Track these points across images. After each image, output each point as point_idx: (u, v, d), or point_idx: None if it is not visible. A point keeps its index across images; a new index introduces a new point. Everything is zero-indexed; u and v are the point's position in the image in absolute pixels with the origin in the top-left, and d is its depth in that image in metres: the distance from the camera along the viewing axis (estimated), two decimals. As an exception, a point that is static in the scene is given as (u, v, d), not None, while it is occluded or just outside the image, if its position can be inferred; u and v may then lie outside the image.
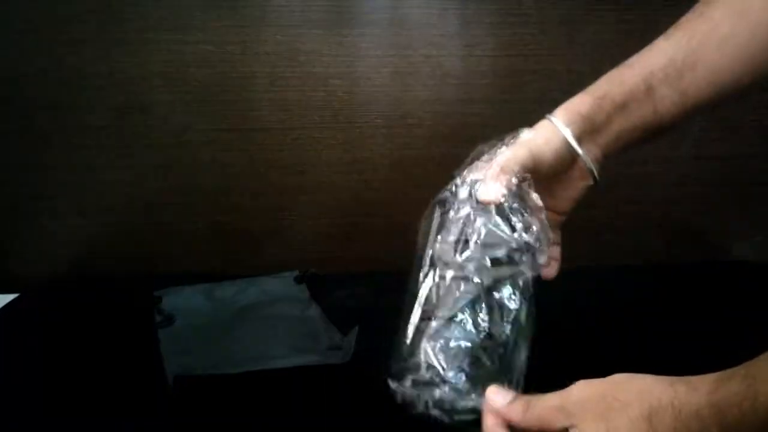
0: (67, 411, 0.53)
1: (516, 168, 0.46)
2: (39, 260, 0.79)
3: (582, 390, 0.39)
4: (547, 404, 0.39)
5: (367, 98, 0.76)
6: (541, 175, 0.48)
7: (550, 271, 0.52)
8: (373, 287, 0.72)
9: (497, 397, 0.41)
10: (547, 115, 0.50)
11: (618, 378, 0.38)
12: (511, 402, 0.41)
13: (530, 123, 0.57)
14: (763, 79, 0.50)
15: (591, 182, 0.52)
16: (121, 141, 0.76)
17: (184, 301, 0.70)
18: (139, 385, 0.55)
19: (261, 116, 0.76)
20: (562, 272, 0.51)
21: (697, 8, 0.50)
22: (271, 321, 0.66)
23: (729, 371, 0.34)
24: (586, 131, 0.50)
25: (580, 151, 0.49)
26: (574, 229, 0.86)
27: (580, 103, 0.50)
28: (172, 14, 0.72)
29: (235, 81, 0.75)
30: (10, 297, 0.74)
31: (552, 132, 0.49)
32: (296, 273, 0.76)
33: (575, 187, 0.52)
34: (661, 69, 0.49)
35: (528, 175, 0.47)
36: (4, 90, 0.73)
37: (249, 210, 0.81)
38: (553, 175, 0.50)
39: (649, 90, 0.49)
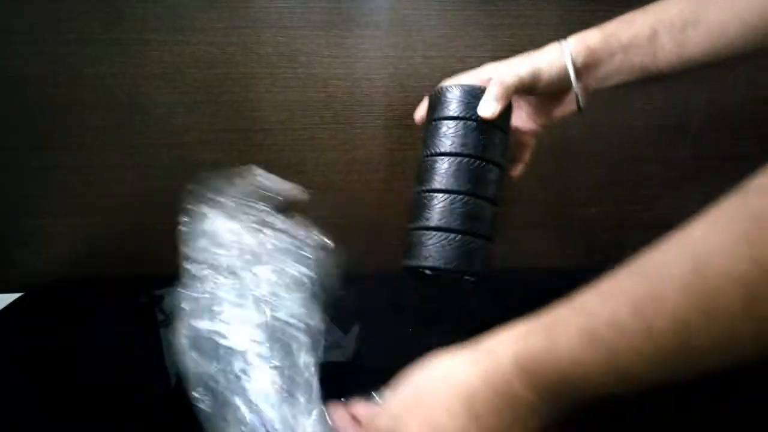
0: (69, 411, 0.53)
1: (515, 84, 0.53)
2: (40, 260, 0.79)
3: (402, 399, 0.40)
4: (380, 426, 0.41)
5: (367, 99, 0.76)
6: (533, 91, 0.55)
7: (516, 171, 0.61)
8: (374, 287, 0.72)
9: (337, 417, 0.46)
10: (560, 41, 0.55)
11: (425, 382, 0.39)
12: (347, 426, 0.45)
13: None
14: (755, 48, 0.54)
15: (576, 109, 0.57)
16: (121, 141, 0.76)
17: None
18: (142, 384, 0.56)
19: (261, 117, 0.76)
20: (562, 272, 0.51)
21: None
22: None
23: (533, 323, 0.36)
24: (589, 64, 0.55)
25: (575, 83, 0.54)
26: (574, 228, 0.87)
27: (590, 37, 0.55)
28: (172, 14, 0.72)
29: (236, 81, 0.75)
30: (13, 297, 0.74)
31: (557, 56, 0.55)
32: None
33: (561, 110, 0.58)
34: (668, 19, 0.54)
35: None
36: (5, 90, 0.73)
37: (249, 210, 0.81)
38: (545, 94, 0.56)
39: (653, 35, 0.54)
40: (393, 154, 0.79)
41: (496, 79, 0.53)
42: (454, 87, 0.55)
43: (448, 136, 0.54)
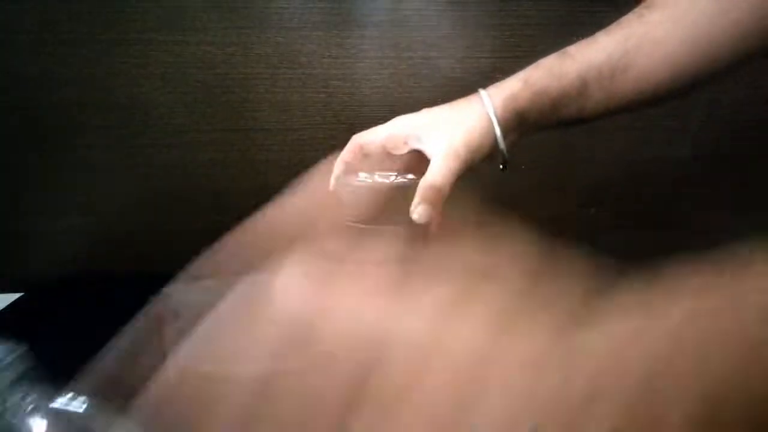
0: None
1: (449, 185, 0.49)
2: (41, 260, 0.79)
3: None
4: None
5: (367, 99, 0.76)
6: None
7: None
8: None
9: None
10: (484, 101, 0.51)
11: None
12: None
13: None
14: (683, 89, 0.52)
15: (500, 167, 0.53)
16: (121, 141, 0.76)
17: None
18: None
19: (261, 117, 0.77)
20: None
21: (639, 9, 0.52)
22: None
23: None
24: (515, 125, 0.51)
25: (504, 149, 0.51)
26: (573, 229, 0.86)
27: (519, 99, 0.51)
28: (173, 15, 0.72)
29: (236, 82, 0.75)
30: (13, 297, 0.74)
31: (488, 132, 0.50)
32: None
33: (478, 165, 0.53)
34: (597, 66, 0.51)
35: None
36: (5, 90, 0.73)
37: (249, 210, 0.81)
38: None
39: (582, 86, 0.51)
40: (393, 154, 0.79)
41: (430, 181, 0.49)
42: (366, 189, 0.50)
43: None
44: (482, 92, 0.52)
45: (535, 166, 0.62)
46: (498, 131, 0.50)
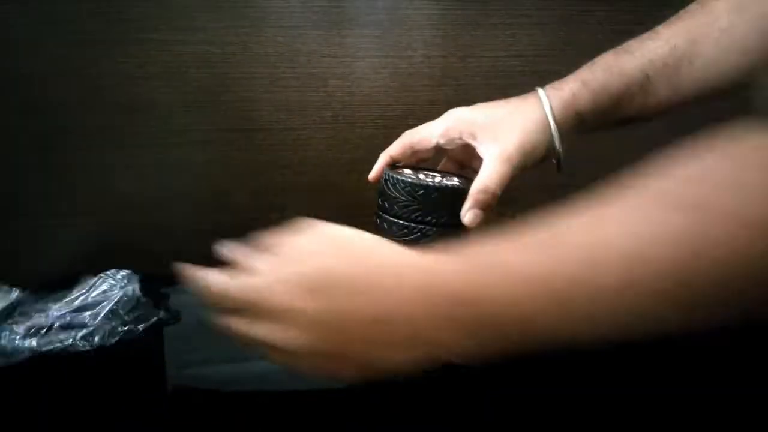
0: (69, 410, 0.53)
1: (501, 189, 0.48)
2: (40, 260, 0.79)
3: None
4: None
5: (367, 99, 0.76)
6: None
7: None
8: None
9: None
10: (543, 101, 0.49)
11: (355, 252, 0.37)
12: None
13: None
14: (749, 78, 0.49)
15: (556, 168, 0.53)
16: (121, 141, 0.76)
17: (192, 298, 0.70)
18: (138, 388, 0.56)
19: (261, 116, 0.76)
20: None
21: None
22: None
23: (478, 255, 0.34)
24: (574, 126, 0.50)
25: (560, 151, 0.50)
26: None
27: (578, 99, 0.49)
28: (172, 14, 0.72)
29: (236, 81, 0.75)
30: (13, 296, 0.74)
31: (544, 133, 0.49)
32: None
33: (531, 167, 0.53)
34: (661, 59, 0.48)
35: None
36: (5, 90, 0.73)
37: (249, 210, 0.81)
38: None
39: (645, 81, 0.48)
40: (393, 153, 0.79)
41: (482, 185, 0.47)
42: (416, 188, 0.48)
43: (407, 242, 0.48)
44: (540, 92, 0.50)
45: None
46: (556, 134, 0.49)
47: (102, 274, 0.66)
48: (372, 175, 0.52)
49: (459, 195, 0.48)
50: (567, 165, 0.83)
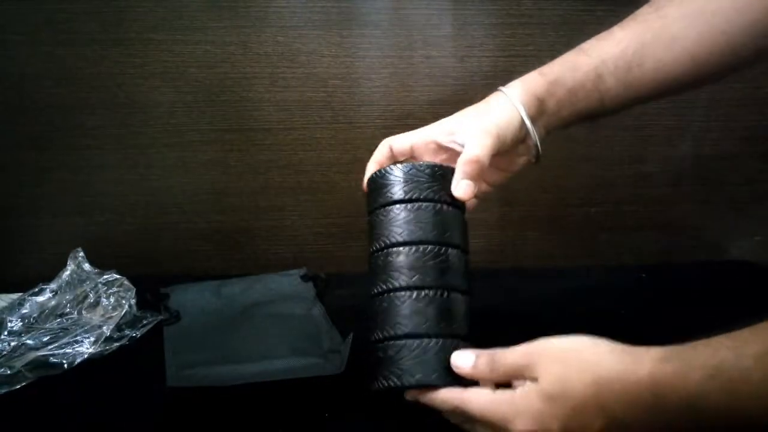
0: (68, 409, 0.53)
1: (488, 158, 0.49)
2: (40, 260, 0.79)
3: (545, 349, 0.42)
4: (512, 363, 0.42)
5: (367, 99, 0.76)
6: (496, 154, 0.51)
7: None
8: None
9: (462, 361, 0.44)
10: (504, 90, 0.52)
11: (577, 345, 0.41)
12: (475, 363, 0.43)
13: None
14: (704, 82, 0.52)
15: (533, 160, 0.54)
16: (120, 141, 0.76)
17: (191, 298, 0.70)
18: (138, 389, 0.55)
19: (261, 116, 0.76)
20: (561, 272, 0.51)
21: (655, 2, 0.52)
22: (276, 319, 0.66)
23: (671, 350, 0.37)
24: (538, 113, 0.52)
25: (534, 133, 0.51)
26: (573, 228, 0.86)
27: (535, 86, 0.52)
28: (172, 14, 0.72)
29: (236, 81, 0.75)
30: (13, 296, 0.74)
31: (512, 113, 0.51)
32: (303, 271, 0.76)
33: (517, 163, 0.55)
34: (613, 59, 0.51)
35: None
36: (4, 90, 0.73)
37: (249, 210, 0.81)
38: (505, 153, 0.52)
39: (598, 79, 0.51)
40: (393, 153, 0.79)
41: (469, 155, 0.49)
42: (406, 166, 0.49)
43: (409, 221, 0.47)
44: (501, 87, 0.53)
45: (535, 166, 0.62)
46: (522, 111, 0.51)
47: (99, 283, 0.66)
48: (365, 185, 0.54)
49: (450, 171, 0.49)
50: (565, 165, 0.83)
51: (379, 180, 0.50)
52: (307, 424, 0.51)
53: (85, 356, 0.59)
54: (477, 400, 0.42)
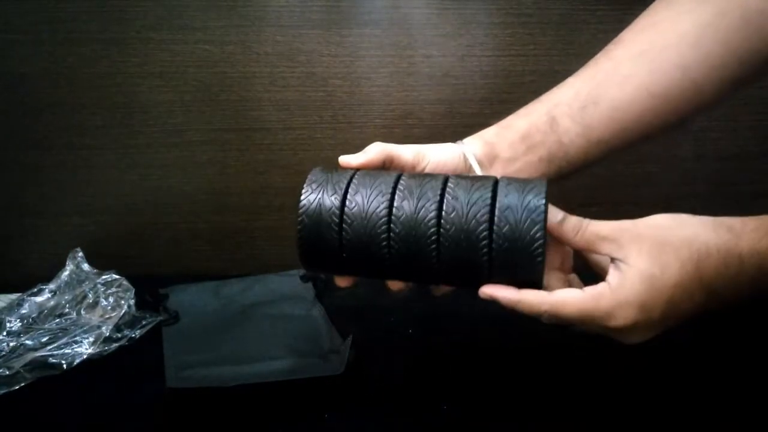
0: (68, 409, 0.53)
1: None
2: (40, 260, 0.79)
3: (635, 226, 0.42)
4: (598, 232, 0.42)
5: (366, 98, 0.76)
6: None
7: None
8: (373, 287, 0.72)
9: (552, 215, 0.43)
10: (457, 141, 0.53)
11: (666, 222, 0.41)
12: (562, 221, 0.43)
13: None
14: (669, 121, 0.51)
15: None
16: (120, 140, 0.76)
17: (190, 298, 0.70)
18: (137, 389, 0.55)
19: (261, 116, 0.76)
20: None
21: (607, 48, 0.53)
22: (275, 320, 0.66)
23: (763, 222, 0.39)
24: (489, 156, 0.51)
25: (478, 171, 0.51)
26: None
27: (485, 131, 0.53)
28: (172, 14, 0.72)
29: (235, 81, 0.75)
30: (12, 297, 0.74)
31: (459, 157, 0.51)
32: (302, 271, 0.76)
33: None
34: (565, 102, 0.51)
35: None
36: (4, 90, 0.73)
37: (249, 210, 0.81)
38: None
39: (551, 121, 0.51)
40: (393, 153, 0.79)
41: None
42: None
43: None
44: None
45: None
46: (465, 146, 0.51)
47: (98, 283, 0.66)
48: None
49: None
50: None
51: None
52: (307, 424, 0.51)
53: (84, 357, 0.58)
54: (571, 302, 0.40)
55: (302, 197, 0.45)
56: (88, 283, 0.66)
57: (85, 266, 0.69)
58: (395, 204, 0.43)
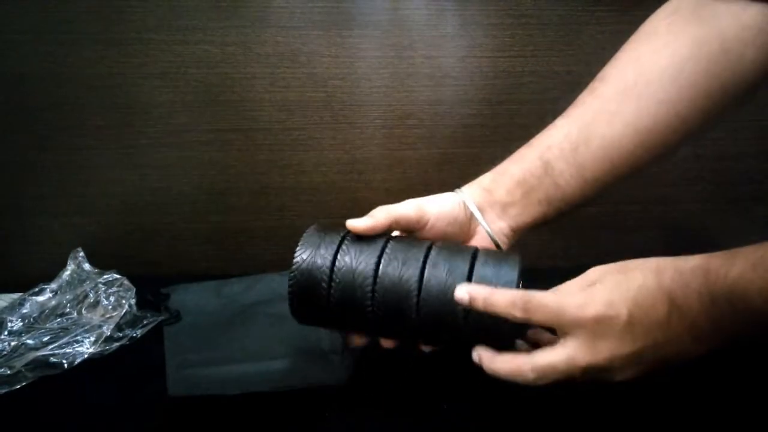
0: (68, 408, 0.54)
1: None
2: (40, 260, 0.79)
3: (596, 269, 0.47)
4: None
5: (367, 99, 0.76)
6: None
7: None
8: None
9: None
10: (455, 190, 0.54)
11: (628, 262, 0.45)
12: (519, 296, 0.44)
13: (529, 124, 0.57)
14: (658, 153, 0.52)
15: (494, 246, 0.54)
16: (121, 141, 0.76)
17: (191, 298, 0.70)
18: (137, 389, 0.55)
19: (261, 116, 0.76)
20: (562, 271, 0.51)
21: (592, 85, 0.53)
22: (276, 319, 0.66)
23: (717, 253, 0.41)
24: (488, 202, 0.53)
25: (481, 219, 0.52)
26: (574, 228, 0.87)
27: (482, 178, 0.54)
28: (172, 14, 0.72)
29: (236, 81, 0.75)
30: (13, 297, 0.74)
31: (458, 205, 0.52)
32: None
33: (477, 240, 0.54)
34: (557, 144, 0.52)
35: None
36: (4, 90, 0.73)
37: (249, 210, 0.81)
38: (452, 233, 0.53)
39: (545, 165, 0.52)
40: (393, 154, 0.79)
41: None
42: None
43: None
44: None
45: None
46: (462, 193, 0.53)
47: (99, 283, 0.66)
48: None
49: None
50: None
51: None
52: (307, 425, 0.51)
53: (85, 356, 0.59)
54: (540, 301, 0.44)
55: (296, 255, 0.49)
56: (90, 283, 0.66)
57: (87, 266, 0.69)
58: (380, 267, 0.46)
